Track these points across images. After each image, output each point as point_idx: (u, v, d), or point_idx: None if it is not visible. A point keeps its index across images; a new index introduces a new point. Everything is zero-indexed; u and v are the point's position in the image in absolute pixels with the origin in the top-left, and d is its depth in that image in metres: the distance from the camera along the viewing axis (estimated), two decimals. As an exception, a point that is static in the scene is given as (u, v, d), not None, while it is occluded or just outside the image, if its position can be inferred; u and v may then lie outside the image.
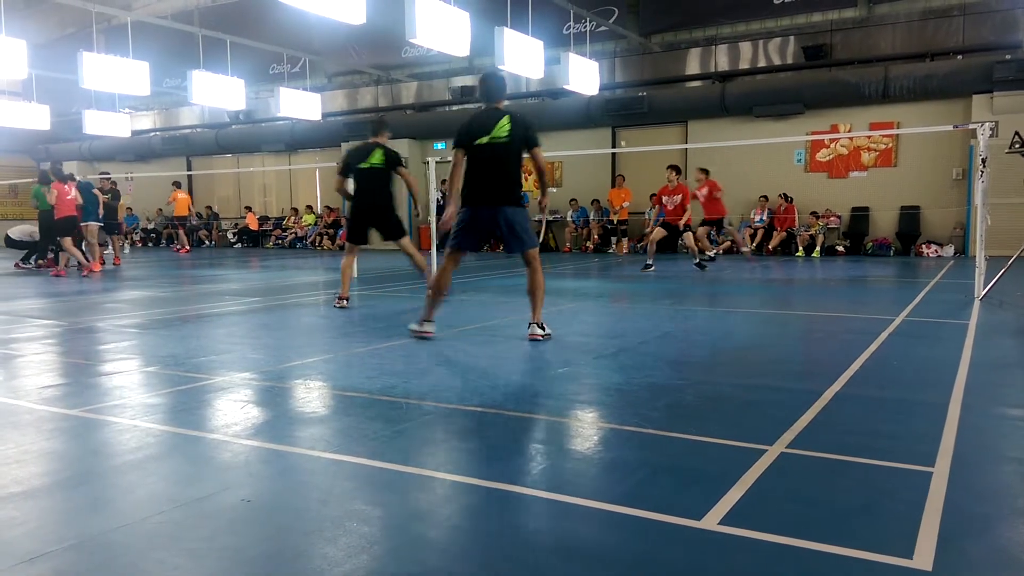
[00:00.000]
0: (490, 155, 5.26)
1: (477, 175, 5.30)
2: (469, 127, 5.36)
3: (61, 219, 12.06)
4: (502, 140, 5.28)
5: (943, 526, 2.17)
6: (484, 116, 5.37)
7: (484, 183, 5.29)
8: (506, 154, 5.30)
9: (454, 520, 2.29)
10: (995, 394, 3.84)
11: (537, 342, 5.25)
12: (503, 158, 5.30)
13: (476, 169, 5.30)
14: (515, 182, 5.39)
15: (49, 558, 2.05)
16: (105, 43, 20.79)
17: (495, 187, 5.29)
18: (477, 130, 5.31)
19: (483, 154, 5.26)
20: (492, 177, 5.28)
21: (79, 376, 4.47)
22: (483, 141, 5.27)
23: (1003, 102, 13.39)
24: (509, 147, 5.30)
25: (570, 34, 15.79)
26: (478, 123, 5.34)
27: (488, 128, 5.28)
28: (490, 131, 5.27)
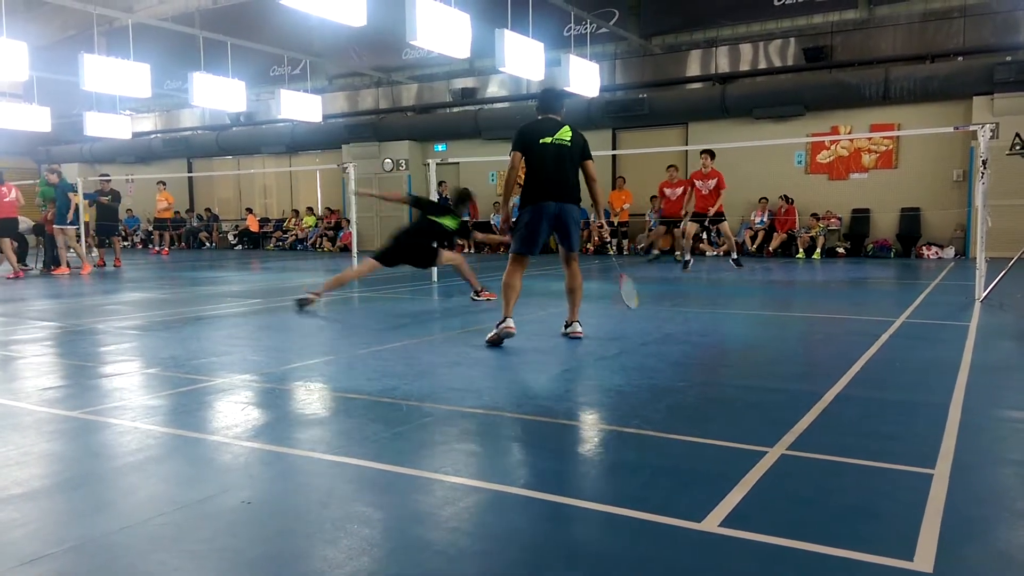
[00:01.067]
0: (556, 153, 5.39)
1: (543, 171, 5.39)
2: (529, 130, 5.48)
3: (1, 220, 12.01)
4: (565, 142, 5.44)
5: (943, 528, 2.17)
6: (545, 122, 5.52)
7: (550, 179, 5.39)
8: (570, 155, 5.44)
9: (454, 522, 2.29)
10: (996, 396, 3.84)
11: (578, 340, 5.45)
12: (568, 158, 5.43)
13: (542, 166, 5.39)
14: (577, 181, 5.50)
15: (50, 560, 2.05)
16: (106, 45, 20.82)
17: (562, 183, 5.40)
18: (540, 132, 5.43)
19: (548, 152, 5.38)
20: (558, 173, 5.39)
21: (80, 378, 4.47)
22: (546, 141, 5.39)
23: (1004, 104, 13.39)
24: (571, 149, 5.44)
25: (570, 36, 15.81)
26: (540, 127, 5.47)
27: (551, 131, 5.44)
28: (553, 134, 5.42)
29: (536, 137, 5.42)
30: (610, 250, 16.13)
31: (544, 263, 14.35)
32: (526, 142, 5.44)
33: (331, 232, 20.57)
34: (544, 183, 5.40)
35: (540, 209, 5.38)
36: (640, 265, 13.12)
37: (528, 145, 5.43)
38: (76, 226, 13.17)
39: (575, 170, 5.52)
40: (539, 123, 5.53)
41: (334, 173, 20.74)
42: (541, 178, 5.41)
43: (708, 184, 11.33)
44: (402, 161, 19.90)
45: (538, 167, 5.41)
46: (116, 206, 15.25)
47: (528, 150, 5.43)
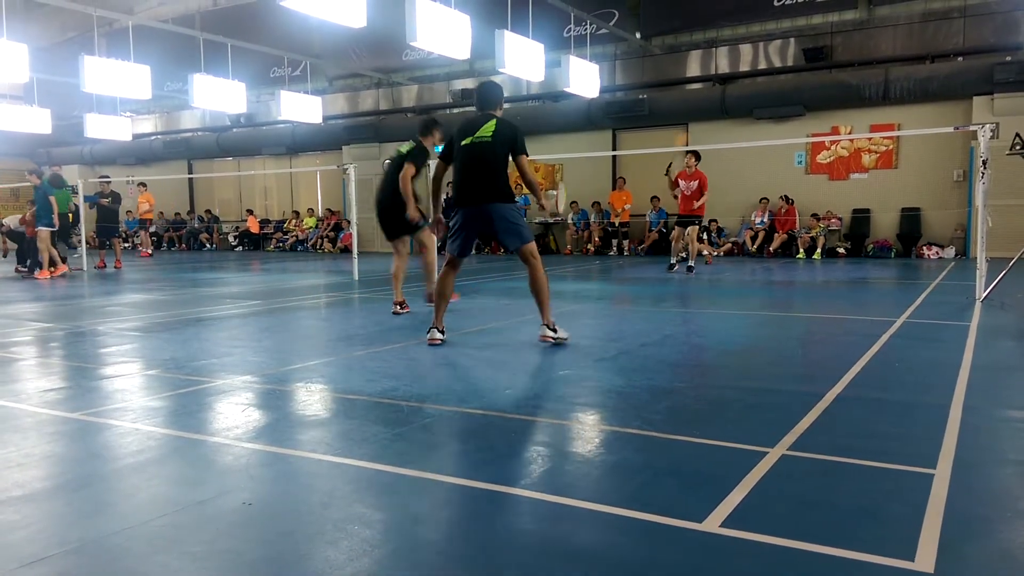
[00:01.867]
0: (472, 154, 5.27)
1: (461, 175, 5.32)
2: (456, 133, 5.43)
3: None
4: (485, 139, 5.27)
5: (944, 528, 2.17)
6: (473, 120, 5.41)
7: (468, 182, 5.28)
8: (488, 153, 5.26)
9: (455, 523, 2.29)
10: (996, 396, 3.84)
11: (548, 345, 5.17)
12: (485, 156, 5.26)
13: (460, 170, 5.33)
14: (500, 179, 5.31)
15: (51, 562, 2.05)
16: (106, 47, 20.85)
17: (479, 184, 5.25)
18: (459, 135, 5.36)
19: (465, 155, 5.29)
20: (475, 175, 5.26)
21: (80, 379, 4.47)
22: (466, 142, 5.30)
23: (1004, 104, 13.39)
24: (491, 146, 5.26)
25: (570, 37, 15.82)
26: (464, 127, 5.38)
27: (473, 131, 5.31)
28: (474, 133, 5.30)
29: (459, 140, 5.36)
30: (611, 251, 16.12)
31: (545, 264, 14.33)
32: (452, 147, 5.42)
33: (331, 233, 20.58)
34: (462, 187, 5.32)
35: (462, 214, 5.33)
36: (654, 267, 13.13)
37: (453, 148, 5.40)
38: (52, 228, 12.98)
39: (498, 166, 5.31)
40: (467, 121, 5.44)
41: (334, 174, 20.75)
42: (459, 182, 5.34)
43: (691, 185, 11.41)
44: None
45: (457, 170, 5.35)
46: (116, 208, 15.26)
47: (452, 153, 5.40)
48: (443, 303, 5.44)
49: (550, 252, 18.19)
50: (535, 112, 18.07)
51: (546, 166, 18.82)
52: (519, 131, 5.43)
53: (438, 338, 5.32)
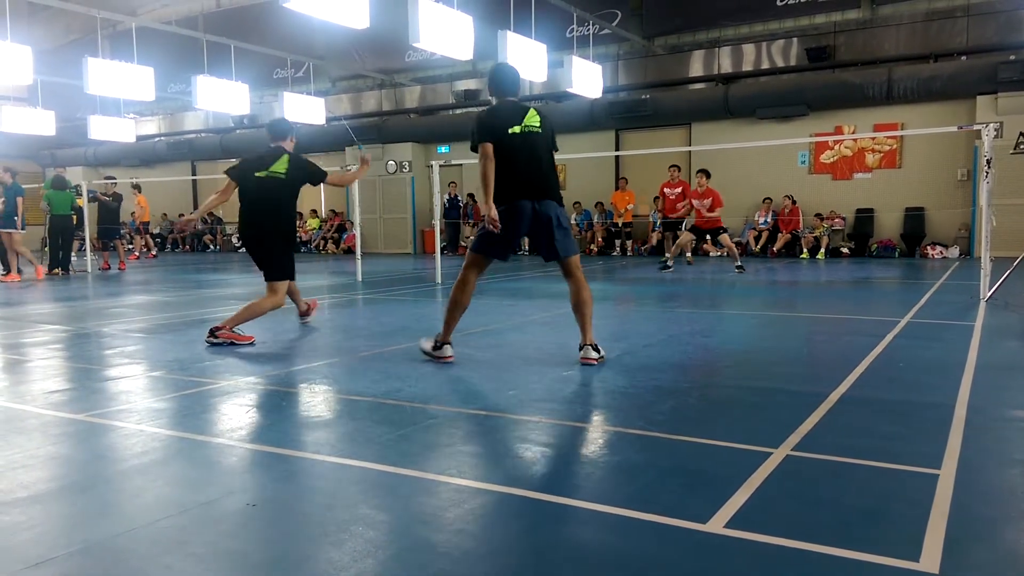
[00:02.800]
0: (528, 144, 4.69)
1: (516, 166, 4.65)
2: (495, 117, 4.73)
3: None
4: (536, 129, 4.74)
5: (949, 529, 2.16)
6: (509, 107, 4.79)
7: (525, 174, 4.67)
8: (544, 144, 4.78)
9: (459, 524, 2.29)
10: (1001, 396, 3.83)
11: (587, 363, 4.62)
12: (541, 148, 4.76)
13: (514, 159, 4.65)
14: (555, 176, 4.87)
15: (56, 563, 2.05)
16: (110, 49, 20.91)
17: (539, 177, 4.71)
18: (506, 120, 4.70)
19: (519, 143, 4.66)
20: (534, 167, 4.70)
21: (85, 380, 4.48)
22: (516, 130, 4.68)
23: (1008, 103, 13.36)
24: (544, 138, 4.79)
25: (573, 37, 15.82)
26: (505, 113, 4.74)
27: (519, 117, 4.71)
28: (521, 120, 4.71)
29: (504, 126, 4.66)
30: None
31: (545, 265, 14.34)
32: (495, 131, 4.66)
33: (335, 234, 20.60)
34: (517, 179, 4.65)
35: (514, 209, 4.64)
36: (652, 268, 13.13)
37: (496, 135, 4.66)
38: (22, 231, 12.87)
39: (551, 161, 4.85)
40: (501, 109, 4.80)
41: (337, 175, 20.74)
42: (513, 173, 4.65)
43: (704, 203, 11.80)
44: (405, 163, 19.92)
45: (509, 161, 4.64)
46: (116, 207, 15.24)
47: (496, 140, 4.65)
48: (458, 314, 4.84)
49: (553, 252, 18.17)
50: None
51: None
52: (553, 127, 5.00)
53: (451, 355, 4.80)
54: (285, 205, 5.95)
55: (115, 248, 15.20)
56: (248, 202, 5.91)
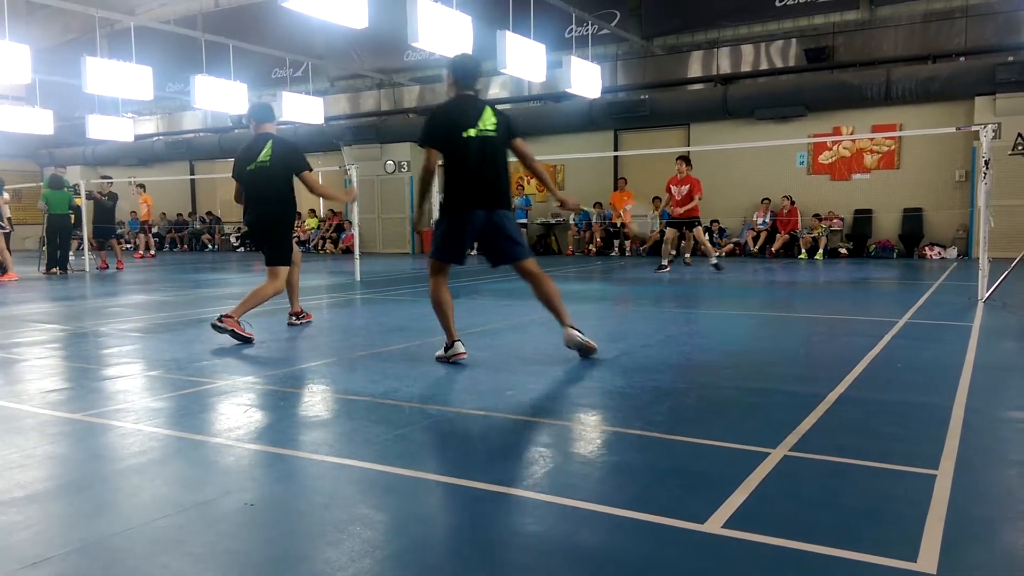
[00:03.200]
0: (482, 149, 4.57)
1: (468, 173, 4.56)
2: (448, 118, 4.59)
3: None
4: (490, 133, 4.60)
5: (947, 529, 2.16)
6: (464, 105, 4.64)
7: (478, 183, 4.56)
8: (497, 150, 4.66)
9: (457, 524, 2.29)
10: (999, 397, 3.83)
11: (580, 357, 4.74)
12: (495, 154, 4.63)
13: (465, 166, 4.55)
14: (508, 182, 4.78)
15: (53, 563, 2.05)
16: (108, 48, 20.87)
17: (493, 186, 4.62)
18: (460, 122, 4.56)
19: (474, 148, 4.54)
20: (488, 174, 4.59)
21: (82, 380, 4.48)
22: (472, 134, 4.54)
23: (1006, 104, 13.38)
24: (499, 142, 4.66)
25: (572, 37, 15.82)
26: (460, 114, 4.60)
27: (473, 119, 4.56)
28: (476, 123, 4.56)
29: (457, 129, 4.51)
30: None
31: (543, 265, 14.35)
32: (446, 134, 4.53)
33: (333, 234, 20.60)
34: (471, 187, 4.55)
35: (465, 219, 4.56)
36: (651, 267, 13.12)
37: (447, 139, 4.53)
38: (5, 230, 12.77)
39: (506, 166, 4.70)
40: (457, 107, 4.63)
41: (336, 175, 20.76)
42: (465, 182, 4.55)
43: (681, 190, 11.63)
44: (404, 163, 19.92)
45: (462, 167, 4.53)
46: (111, 206, 15.19)
47: (448, 144, 4.53)
48: (450, 313, 4.75)
49: (551, 253, 18.20)
50: (536, 113, 18.08)
51: (547, 166, 18.83)
52: (509, 117, 4.86)
53: (463, 351, 4.70)
54: (280, 192, 5.96)
55: (111, 247, 15.18)
56: (248, 196, 5.99)
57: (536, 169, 4.98)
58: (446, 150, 4.57)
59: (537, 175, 5.01)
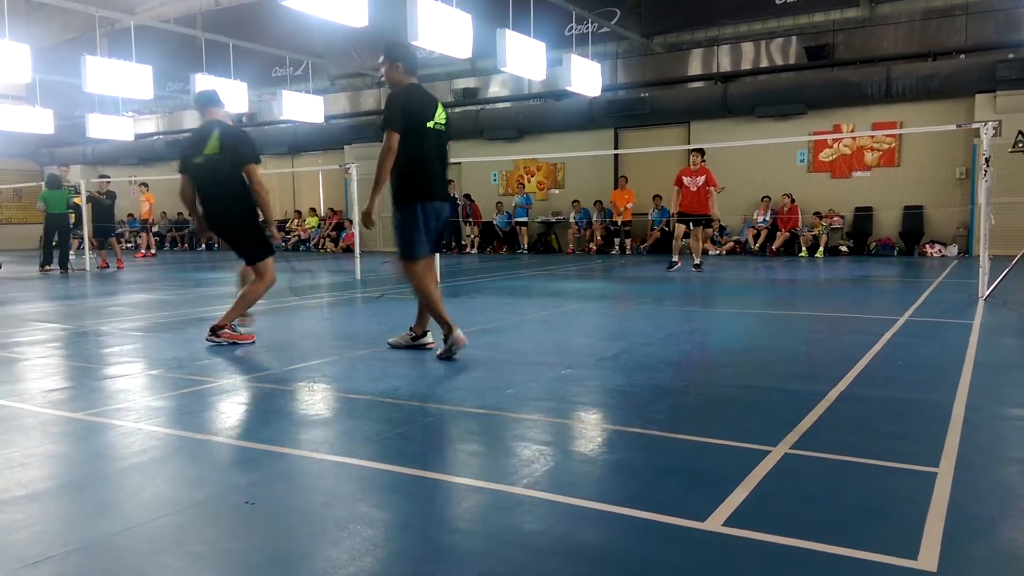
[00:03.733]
0: (439, 142, 4.66)
1: (431, 163, 4.60)
2: (416, 104, 4.56)
3: None
4: (443, 127, 4.69)
5: (947, 527, 2.16)
6: (424, 96, 4.66)
7: (439, 173, 4.68)
8: (445, 143, 4.75)
9: (458, 522, 2.29)
10: (999, 394, 3.83)
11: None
12: (444, 146, 4.73)
13: (429, 156, 4.58)
14: None
15: (54, 561, 2.05)
16: (108, 47, 20.87)
17: (444, 179, 4.80)
18: (425, 111, 4.57)
19: (433, 139, 4.60)
20: (443, 166, 4.72)
21: (83, 379, 4.48)
22: (431, 125, 4.60)
23: (1006, 101, 13.37)
24: (446, 136, 4.76)
25: (572, 35, 15.82)
26: (423, 103, 4.60)
27: (431, 111, 4.60)
28: (434, 115, 4.62)
29: (423, 118, 4.54)
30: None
31: (544, 263, 14.38)
32: (413, 122, 4.52)
33: (334, 233, 20.59)
34: (433, 178, 4.64)
35: (433, 210, 4.66)
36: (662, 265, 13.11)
37: (413, 127, 4.51)
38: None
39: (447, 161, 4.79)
40: (419, 96, 4.61)
41: (336, 174, 20.76)
42: (429, 171, 4.60)
43: (697, 181, 11.24)
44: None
45: (425, 157, 4.56)
46: (109, 204, 15.18)
47: (412, 133, 4.51)
48: (440, 302, 4.81)
49: (552, 251, 18.19)
50: (537, 111, 18.07)
51: (548, 164, 18.82)
52: None
53: (462, 336, 4.74)
54: (230, 185, 5.37)
55: (111, 246, 15.18)
56: (201, 192, 5.45)
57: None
58: (409, 139, 4.51)
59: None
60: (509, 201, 18.68)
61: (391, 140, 4.46)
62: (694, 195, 11.27)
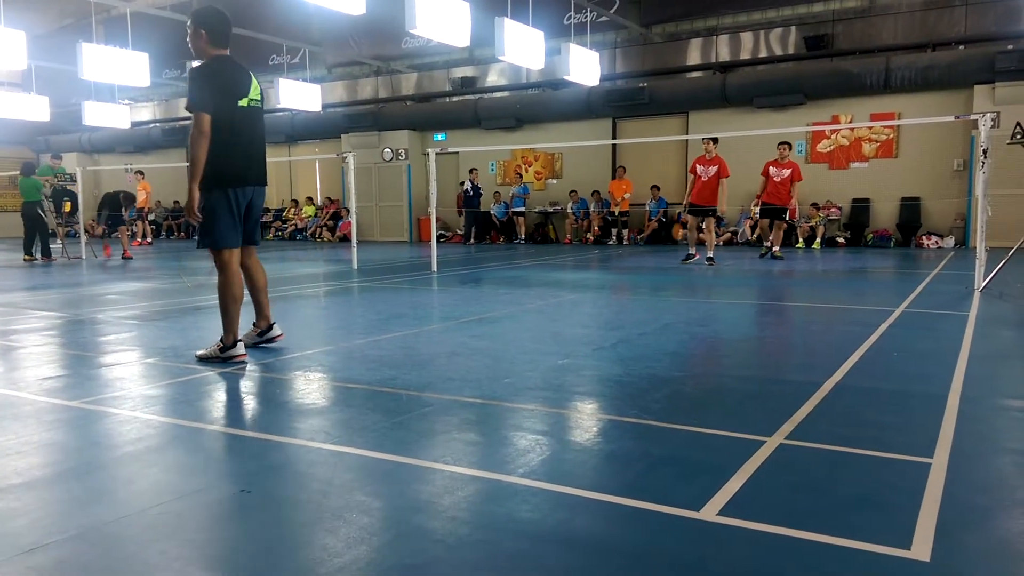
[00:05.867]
0: (253, 119, 4.36)
1: (241, 145, 4.29)
2: (225, 81, 4.21)
3: None
4: (258, 103, 4.42)
5: (941, 517, 2.17)
6: (236, 70, 4.30)
7: (252, 155, 4.36)
8: (262, 122, 4.46)
9: (454, 511, 2.30)
10: (994, 385, 3.85)
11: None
12: (261, 122, 4.46)
13: (240, 136, 4.27)
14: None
15: (50, 548, 2.06)
16: (104, 34, 20.77)
17: (261, 161, 4.47)
18: (237, 87, 4.25)
19: (248, 118, 4.32)
20: (258, 147, 4.42)
21: (79, 367, 4.48)
22: (244, 103, 4.29)
23: (1005, 92, 13.35)
24: (262, 113, 4.48)
25: (570, 24, 15.75)
26: (234, 79, 4.26)
27: (245, 87, 4.29)
28: (248, 91, 4.31)
29: (234, 96, 4.22)
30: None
31: (541, 253, 14.38)
32: (224, 100, 4.17)
33: (330, 222, 20.56)
34: (244, 161, 4.31)
35: (240, 195, 4.33)
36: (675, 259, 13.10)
37: (225, 105, 4.18)
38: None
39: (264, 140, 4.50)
40: (229, 70, 4.24)
41: (333, 163, 20.72)
42: (240, 154, 4.28)
43: (709, 171, 11.06)
44: (402, 151, 19.87)
45: (236, 138, 4.23)
46: (116, 196, 15.19)
47: (223, 112, 4.17)
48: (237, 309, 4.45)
49: (549, 241, 18.18)
50: (535, 100, 18.02)
51: (545, 154, 18.78)
52: None
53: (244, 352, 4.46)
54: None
55: (119, 236, 15.05)
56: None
57: None
58: (220, 117, 4.17)
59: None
60: (507, 191, 18.65)
61: (202, 123, 4.09)
62: (705, 184, 11.08)
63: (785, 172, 11.39)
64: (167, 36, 18.75)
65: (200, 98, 4.11)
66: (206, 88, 4.12)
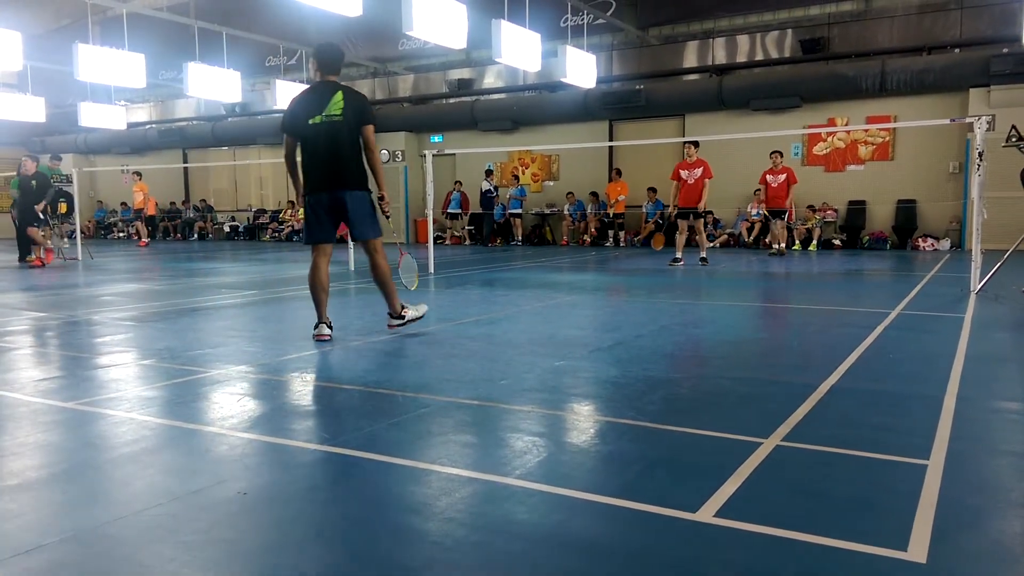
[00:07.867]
0: (327, 134, 4.94)
1: (314, 157, 5.01)
2: (298, 108, 5.04)
3: None
4: (337, 117, 4.95)
5: (937, 518, 2.18)
6: (317, 92, 5.04)
7: (321, 166, 5.00)
8: (346, 130, 4.96)
9: (450, 513, 2.29)
10: (990, 387, 3.86)
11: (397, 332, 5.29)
12: (343, 134, 4.96)
13: (312, 151, 5.00)
14: (355, 162, 5.03)
15: (46, 550, 2.05)
16: (100, 35, 20.73)
17: (334, 169, 4.98)
18: (309, 110, 4.98)
19: (319, 134, 4.95)
20: (329, 157, 4.97)
21: (75, 369, 4.47)
22: (316, 120, 4.95)
23: (1000, 96, 13.39)
24: (346, 123, 4.96)
25: (567, 27, 15.77)
26: (309, 102, 5.01)
27: (321, 105, 4.96)
28: (324, 108, 4.95)
29: (304, 118, 4.96)
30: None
31: (538, 255, 14.38)
32: (296, 124, 5.00)
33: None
34: (315, 172, 5.02)
35: (315, 201, 5.05)
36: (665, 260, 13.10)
37: (297, 127, 5.00)
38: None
39: (353, 147, 5.00)
40: (310, 95, 5.04)
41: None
42: (312, 166, 5.02)
43: (694, 173, 11.22)
44: (398, 152, 19.86)
45: (308, 153, 5.01)
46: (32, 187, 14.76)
47: (297, 132, 5.01)
48: (323, 296, 5.22)
49: (546, 243, 18.18)
50: (532, 102, 18.03)
51: (542, 156, 18.79)
52: (366, 100, 5.18)
53: (327, 334, 5.13)
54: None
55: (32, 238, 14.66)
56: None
57: (371, 161, 5.12)
58: (294, 135, 5.05)
59: (371, 167, 5.14)
60: (504, 192, 18.65)
61: (284, 141, 5.13)
62: (691, 187, 11.27)
63: (780, 177, 11.75)
64: (163, 37, 18.73)
65: (282, 122, 5.17)
66: (286, 114, 5.13)
